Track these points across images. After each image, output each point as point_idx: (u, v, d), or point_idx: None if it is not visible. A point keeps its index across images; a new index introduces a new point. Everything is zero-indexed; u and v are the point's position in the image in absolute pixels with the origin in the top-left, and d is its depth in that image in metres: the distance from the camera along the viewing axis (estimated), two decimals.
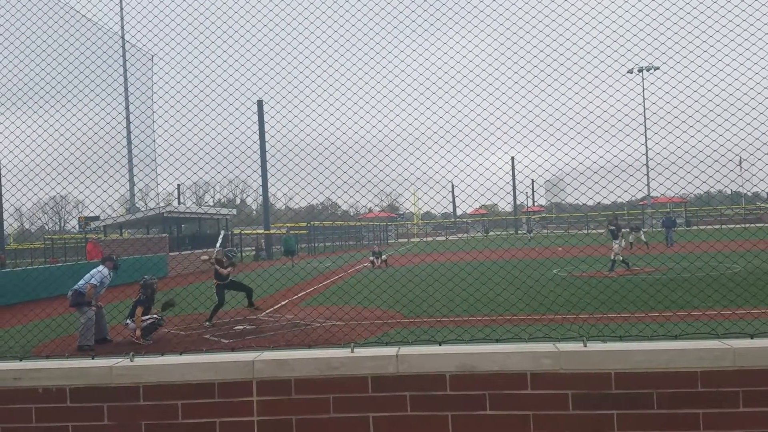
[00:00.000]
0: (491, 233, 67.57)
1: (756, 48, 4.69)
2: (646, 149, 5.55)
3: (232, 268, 13.89)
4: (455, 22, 5.31)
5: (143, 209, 32.76)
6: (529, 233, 52.12)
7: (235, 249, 28.43)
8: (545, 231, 65.76)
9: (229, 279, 13.68)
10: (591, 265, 19.18)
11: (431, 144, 5.48)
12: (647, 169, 5.81)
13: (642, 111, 5.70)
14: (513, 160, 5.66)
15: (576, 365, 3.66)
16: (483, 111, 5.28)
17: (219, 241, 15.49)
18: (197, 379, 3.87)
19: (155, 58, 6.30)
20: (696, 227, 53.91)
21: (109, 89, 6.08)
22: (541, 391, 3.67)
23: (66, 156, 5.79)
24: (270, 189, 38.92)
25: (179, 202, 46.26)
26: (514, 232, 67.39)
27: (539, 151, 5.26)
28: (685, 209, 61.13)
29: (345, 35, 5.39)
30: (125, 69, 7.22)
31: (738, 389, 3.54)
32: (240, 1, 5.50)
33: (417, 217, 71.82)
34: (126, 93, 7.63)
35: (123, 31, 6.20)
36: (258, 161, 6.83)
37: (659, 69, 5.35)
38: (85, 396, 3.93)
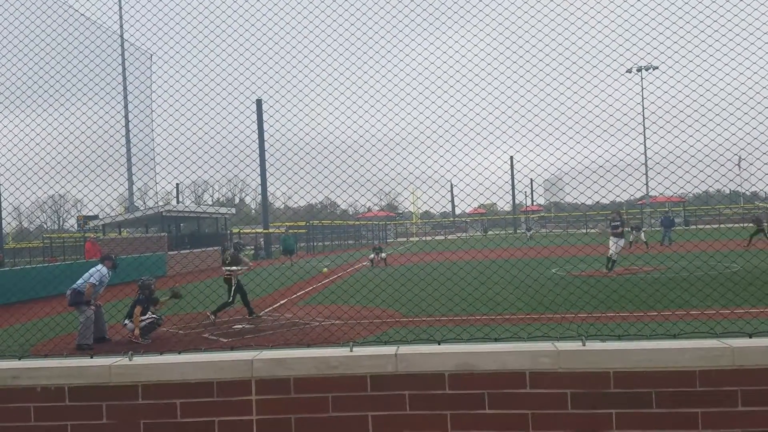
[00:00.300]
0: (490, 232, 67.58)
1: (755, 48, 4.70)
2: (644, 148, 5.56)
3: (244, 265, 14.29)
4: (454, 21, 5.31)
5: (142, 208, 32.77)
6: (528, 232, 52.14)
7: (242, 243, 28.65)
8: (544, 230, 65.81)
9: (238, 280, 13.85)
10: (590, 265, 19.19)
11: (430, 143, 5.48)
12: (646, 169, 5.81)
13: (641, 110, 5.71)
14: (512, 159, 5.66)
15: (575, 364, 3.66)
16: (482, 110, 5.28)
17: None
18: (196, 378, 3.87)
19: (154, 57, 6.30)
20: (694, 226, 53.94)
21: (108, 88, 6.08)
22: (540, 390, 3.67)
23: (65, 155, 5.79)
24: (269, 188, 38.91)
25: (178, 201, 46.26)
26: (513, 231, 67.44)
27: (538, 151, 5.27)
28: (684, 208, 61.18)
29: (344, 34, 5.39)
30: (124, 68, 7.22)
31: (737, 388, 3.54)
32: (239, 0, 5.50)
33: (416, 217, 71.87)
34: (125, 92, 7.62)
35: (122, 30, 6.20)
36: (257, 160, 6.82)
37: (658, 68, 5.35)
38: (84, 395, 3.92)
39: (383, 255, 28.22)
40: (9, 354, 4.83)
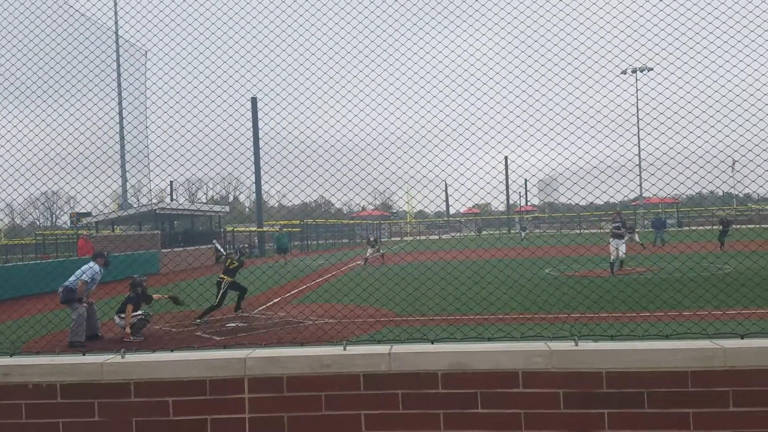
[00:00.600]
0: (484, 232, 67.68)
1: (749, 50, 4.72)
2: (638, 150, 5.58)
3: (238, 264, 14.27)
4: (450, 21, 5.31)
5: (135, 205, 32.64)
6: (523, 232, 52.16)
7: (247, 246, 28.70)
8: (538, 230, 65.95)
9: (233, 278, 13.85)
10: (583, 265, 19.24)
11: (425, 143, 5.48)
12: (640, 170, 5.84)
13: (635, 112, 5.73)
14: (506, 159, 5.67)
15: (567, 364, 3.67)
16: (477, 110, 5.29)
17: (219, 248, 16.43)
18: (189, 376, 3.86)
19: (149, 53, 6.28)
20: (687, 228, 54.17)
21: (102, 84, 6.05)
22: (533, 390, 3.67)
23: (58, 151, 5.76)
24: (263, 186, 38.81)
25: (172, 198, 46.11)
26: (507, 231, 67.53)
27: (533, 151, 5.27)
28: (677, 210, 61.41)
29: (340, 32, 5.38)
30: (118, 64, 7.20)
31: (728, 389, 3.55)
32: None
33: (410, 216, 71.90)
34: (119, 88, 7.60)
35: (117, 27, 6.18)
36: (251, 158, 6.82)
37: (653, 70, 5.37)
38: (76, 392, 3.91)
39: (381, 251, 27.12)
40: (0, 351, 4.81)
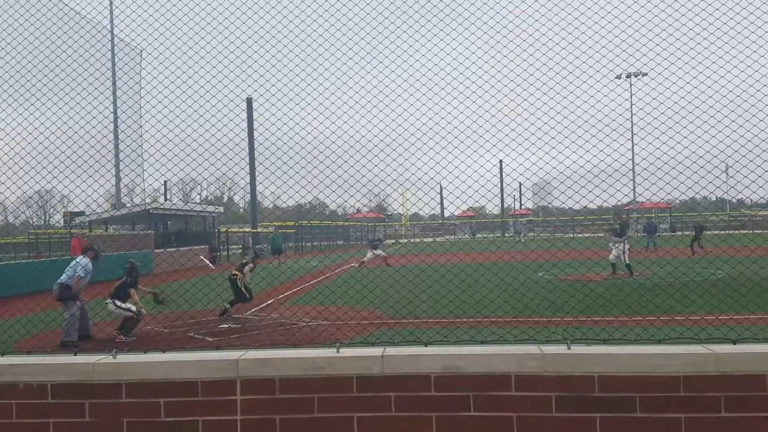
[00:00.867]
0: (478, 235, 67.74)
1: (743, 56, 4.74)
2: (632, 154, 5.60)
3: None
4: (446, 23, 5.31)
5: (129, 205, 32.54)
6: (518, 235, 52.15)
7: (264, 247, 28.92)
8: (531, 234, 66.08)
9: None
10: (576, 269, 19.28)
11: (420, 145, 5.49)
12: (633, 175, 5.86)
13: (629, 116, 5.74)
14: (501, 163, 5.68)
15: (560, 368, 3.67)
16: (472, 113, 5.30)
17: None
18: (180, 377, 3.84)
19: (144, 53, 6.26)
20: (680, 233, 54.37)
21: (97, 83, 6.03)
22: (525, 393, 3.68)
23: (52, 150, 5.73)
24: (258, 187, 38.78)
25: (165, 198, 45.97)
26: (501, 234, 67.62)
27: (527, 155, 5.28)
28: (671, 215, 61.64)
29: (336, 34, 5.39)
30: (113, 64, 7.16)
31: (720, 394, 3.56)
32: None
33: (405, 218, 71.88)
34: (114, 88, 7.56)
35: (112, 26, 6.15)
36: (246, 159, 6.80)
37: (647, 75, 5.39)
38: (67, 392, 3.88)
39: (384, 253, 26.08)
40: None
